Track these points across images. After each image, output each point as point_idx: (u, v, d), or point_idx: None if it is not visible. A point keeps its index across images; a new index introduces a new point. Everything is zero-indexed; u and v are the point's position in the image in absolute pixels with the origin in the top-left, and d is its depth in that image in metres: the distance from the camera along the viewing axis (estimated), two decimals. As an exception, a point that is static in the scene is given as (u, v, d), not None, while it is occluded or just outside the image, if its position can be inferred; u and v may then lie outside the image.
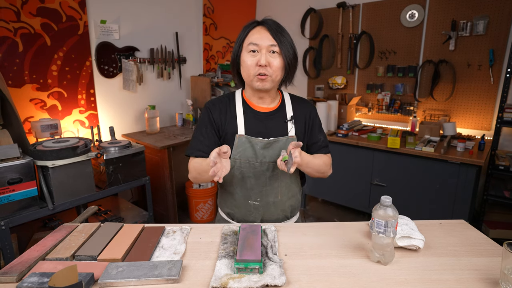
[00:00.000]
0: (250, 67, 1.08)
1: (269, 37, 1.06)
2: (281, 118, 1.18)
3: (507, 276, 0.74)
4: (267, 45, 1.05)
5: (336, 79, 3.39)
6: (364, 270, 0.85)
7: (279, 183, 1.18)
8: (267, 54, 1.06)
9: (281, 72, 1.10)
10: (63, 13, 2.41)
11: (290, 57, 1.08)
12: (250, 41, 1.07)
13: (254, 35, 1.07)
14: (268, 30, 1.06)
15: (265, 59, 1.05)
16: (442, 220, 1.13)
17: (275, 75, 1.08)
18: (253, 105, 1.18)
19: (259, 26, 1.09)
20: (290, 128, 1.17)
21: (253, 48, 1.07)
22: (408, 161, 2.53)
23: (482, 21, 2.54)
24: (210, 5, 3.51)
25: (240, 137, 1.13)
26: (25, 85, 2.30)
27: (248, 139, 1.13)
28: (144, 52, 3.01)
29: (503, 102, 2.45)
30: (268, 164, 1.14)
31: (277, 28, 1.08)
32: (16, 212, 1.71)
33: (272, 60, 1.06)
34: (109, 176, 2.11)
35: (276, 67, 1.07)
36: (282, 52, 1.07)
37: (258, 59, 1.06)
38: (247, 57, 1.08)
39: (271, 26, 1.07)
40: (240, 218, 1.22)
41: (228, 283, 0.76)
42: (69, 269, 0.68)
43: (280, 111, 1.19)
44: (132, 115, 3.03)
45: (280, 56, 1.07)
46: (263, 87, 1.09)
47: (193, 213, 3.02)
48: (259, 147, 1.13)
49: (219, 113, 1.17)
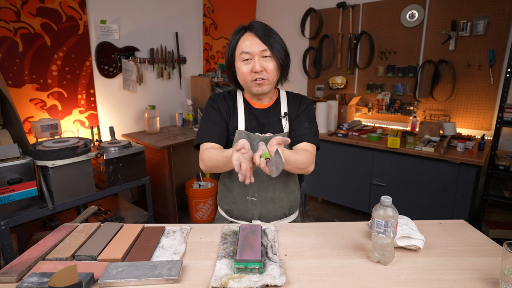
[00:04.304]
0: (246, 74, 1.09)
1: (259, 43, 1.07)
2: (276, 114, 1.20)
3: (507, 276, 0.74)
4: (259, 51, 1.07)
5: (336, 79, 3.39)
6: (364, 270, 0.85)
7: (277, 179, 1.19)
8: (260, 60, 1.07)
9: (277, 73, 1.12)
10: (63, 13, 2.41)
11: (282, 57, 1.10)
12: (242, 50, 1.08)
13: (244, 42, 1.08)
14: (257, 35, 1.07)
15: (259, 65, 1.06)
16: (442, 220, 1.13)
17: (271, 78, 1.10)
18: (252, 103, 1.21)
19: (247, 33, 1.09)
20: (285, 124, 1.19)
21: (246, 57, 1.08)
22: (408, 161, 2.53)
23: (482, 21, 2.54)
24: (210, 5, 3.51)
25: (240, 132, 1.15)
26: (25, 85, 2.30)
27: (248, 134, 1.15)
28: (144, 52, 3.01)
29: (503, 102, 2.45)
30: None
31: (265, 31, 1.08)
32: (16, 212, 1.71)
33: (266, 64, 1.08)
34: (109, 176, 2.11)
35: (271, 70, 1.09)
36: (274, 54, 1.08)
37: (252, 66, 1.08)
38: (241, 66, 1.10)
39: (259, 31, 1.07)
40: (238, 215, 1.22)
41: (228, 283, 0.76)
42: (69, 269, 0.68)
43: (274, 107, 1.21)
44: (132, 115, 3.03)
45: (272, 59, 1.08)
46: (262, 91, 1.12)
47: (193, 213, 3.02)
48: (257, 142, 1.14)
49: (225, 108, 1.19)
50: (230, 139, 1.17)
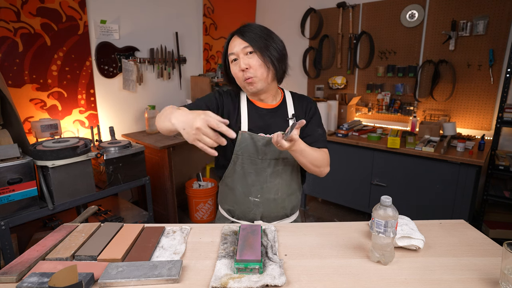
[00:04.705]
0: (237, 75, 1.11)
1: (240, 42, 1.08)
2: (283, 115, 1.19)
3: (507, 276, 0.74)
4: (241, 49, 1.07)
5: (336, 79, 3.39)
6: (364, 270, 0.85)
7: (280, 180, 1.19)
8: (245, 58, 1.08)
9: (265, 69, 1.08)
10: (63, 13, 2.41)
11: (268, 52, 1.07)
12: (229, 52, 1.11)
13: (230, 45, 1.11)
14: (239, 36, 1.09)
15: (243, 62, 1.07)
16: (442, 220, 1.13)
17: (259, 74, 1.08)
18: (256, 102, 1.20)
19: (234, 36, 1.12)
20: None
21: (233, 58, 1.10)
22: (408, 161, 2.53)
23: (482, 21, 2.54)
24: (210, 5, 3.51)
25: (243, 133, 1.14)
26: (25, 85, 2.30)
27: (251, 135, 1.14)
28: (144, 52, 3.01)
29: (503, 102, 2.45)
30: (269, 161, 1.15)
31: (247, 30, 1.09)
32: (16, 212, 1.71)
33: (250, 61, 1.07)
34: (109, 176, 2.11)
35: (256, 67, 1.07)
36: (257, 50, 1.07)
37: (239, 65, 1.09)
38: (232, 68, 1.12)
39: (242, 31, 1.09)
40: (240, 215, 1.22)
41: (228, 283, 0.76)
42: (69, 269, 0.68)
43: (281, 108, 1.20)
44: (132, 115, 3.03)
45: (255, 55, 1.07)
46: (255, 88, 1.11)
47: (193, 213, 3.02)
48: (261, 143, 1.13)
49: (228, 104, 1.18)
50: (233, 141, 1.15)
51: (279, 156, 1.16)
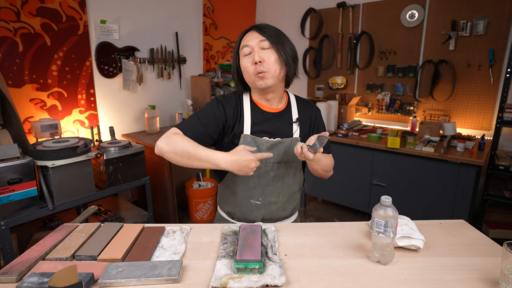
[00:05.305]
0: (249, 68, 1.09)
1: (257, 35, 1.08)
2: (287, 119, 1.19)
3: (507, 276, 0.74)
4: (257, 42, 1.07)
5: (336, 79, 3.39)
6: (364, 270, 0.85)
7: (282, 184, 1.19)
8: (260, 51, 1.07)
9: (279, 66, 1.09)
10: (63, 13, 2.41)
11: (284, 49, 1.08)
12: (244, 45, 1.10)
13: (245, 38, 1.11)
14: (257, 30, 1.09)
15: (258, 55, 1.06)
16: (442, 220, 1.13)
17: (273, 70, 1.07)
18: (261, 105, 1.18)
19: (250, 31, 1.12)
20: (295, 129, 1.18)
21: (246, 50, 1.09)
22: (408, 161, 2.53)
23: (482, 21, 2.54)
24: (210, 5, 3.51)
25: (245, 136, 1.13)
26: (25, 85, 2.30)
27: (254, 139, 1.13)
28: (144, 52, 3.01)
29: (503, 102, 2.45)
30: (272, 165, 1.15)
31: (265, 27, 1.10)
32: (16, 212, 1.71)
33: (265, 56, 1.07)
34: (109, 176, 2.11)
35: (271, 61, 1.07)
36: (274, 46, 1.07)
37: (253, 58, 1.08)
38: (244, 61, 1.11)
39: (259, 27, 1.10)
40: (240, 217, 1.22)
41: (228, 283, 0.76)
42: (69, 269, 0.68)
43: (286, 112, 1.19)
44: (132, 115, 3.03)
45: (272, 51, 1.07)
46: (265, 84, 1.08)
47: (193, 213, 3.02)
48: (264, 147, 1.13)
49: (232, 111, 1.15)
50: (235, 143, 1.14)
51: (282, 160, 1.16)
